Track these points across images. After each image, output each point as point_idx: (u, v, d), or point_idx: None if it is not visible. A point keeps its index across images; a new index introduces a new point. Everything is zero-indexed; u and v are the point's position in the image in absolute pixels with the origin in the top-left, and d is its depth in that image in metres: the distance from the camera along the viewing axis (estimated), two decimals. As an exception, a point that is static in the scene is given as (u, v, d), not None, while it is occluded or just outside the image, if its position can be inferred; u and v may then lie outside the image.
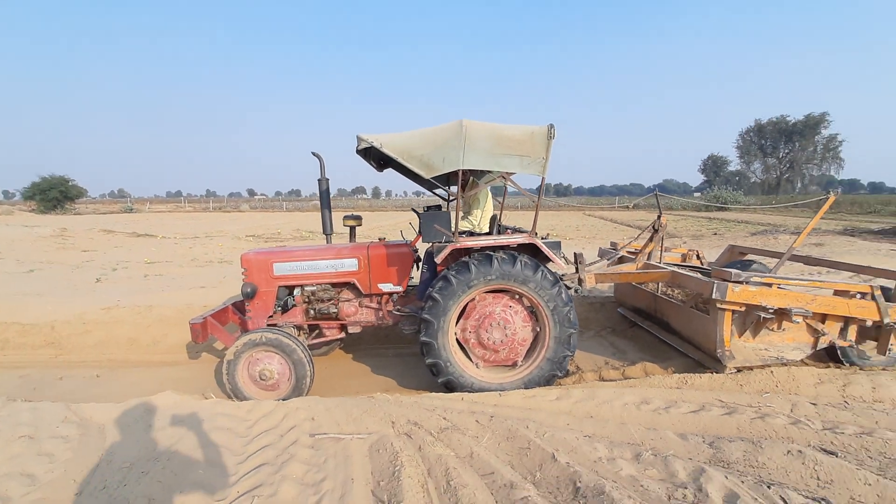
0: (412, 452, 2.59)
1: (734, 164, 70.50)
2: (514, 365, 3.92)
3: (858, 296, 3.74)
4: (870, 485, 2.22)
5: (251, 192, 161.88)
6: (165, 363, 5.09)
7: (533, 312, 3.87)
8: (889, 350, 3.77)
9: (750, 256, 5.49)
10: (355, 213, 4.87)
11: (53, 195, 35.47)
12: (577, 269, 4.49)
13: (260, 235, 16.65)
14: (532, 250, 3.87)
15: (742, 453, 2.52)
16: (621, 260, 5.31)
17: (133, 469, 2.46)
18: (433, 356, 3.74)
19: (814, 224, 4.58)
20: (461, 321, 3.88)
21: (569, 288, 4.14)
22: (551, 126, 3.62)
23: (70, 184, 37.06)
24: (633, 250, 5.31)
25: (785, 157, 63.25)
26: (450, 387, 3.77)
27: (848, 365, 3.95)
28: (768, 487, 2.20)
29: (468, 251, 3.85)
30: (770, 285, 3.72)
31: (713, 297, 3.62)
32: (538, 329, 3.87)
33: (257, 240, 15.16)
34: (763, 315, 3.65)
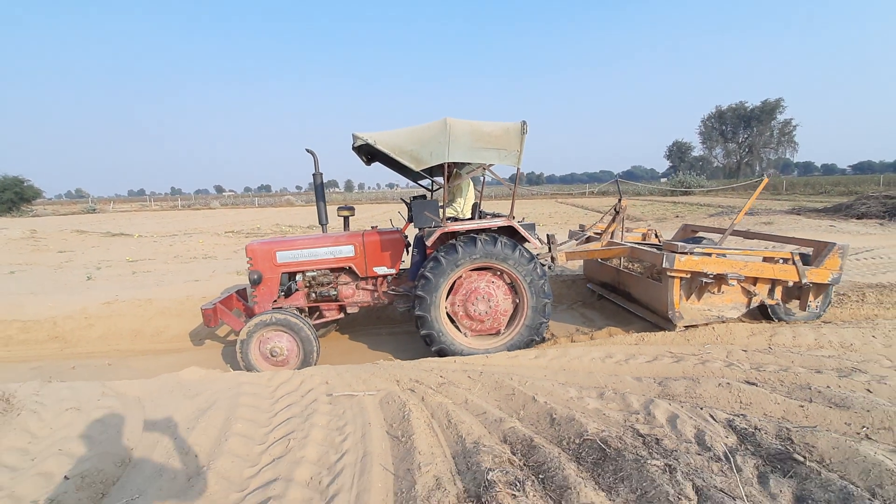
0: (417, 402, 3.09)
1: (697, 150, 73.19)
2: (498, 333, 4.47)
3: (781, 261, 4.40)
4: (778, 404, 2.85)
5: (219, 189, 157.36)
6: (171, 351, 5.42)
7: (513, 286, 4.42)
8: (808, 306, 4.52)
9: (701, 234, 6.18)
10: (349, 205, 5.36)
11: (8, 197, 33.82)
12: (549, 248, 5.16)
13: (239, 231, 16.71)
14: (510, 232, 4.39)
15: (684, 388, 3.13)
16: (588, 240, 5.95)
17: (179, 427, 2.88)
18: (427, 328, 4.26)
19: (750, 204, 5.35)
20: (450, 297, 4.39)
21: (543, 265, 4.69)
22: (524, 122, 4.13)
23: (25, 184, 35.39)
24: (598, 231, 5.95)
25: (744, 141, 66.04)
26: (442, 354, 4.29)
27: (777, 320, 4.65)
28: (701, 409, 2.80)
29: (455, 234, 4.37)
30: (710, 255, 4.36)
31: (663, 266, 4.26)
32: (517, 301, 4.42)
33: (237, 236, 15.25)
34: (705, 280, 4.32)
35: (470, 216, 5.01)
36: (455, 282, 4.37)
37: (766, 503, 2.04)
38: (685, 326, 4.39)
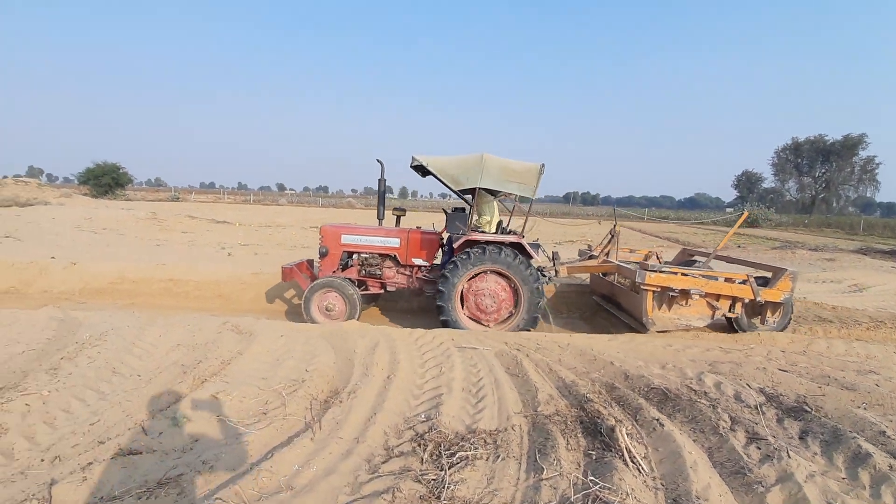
0: (523, 357, 4.26)
1: (769, 182, 69.92)
2: (504, 321, 5.71)
3: (738, 282, 5.22)
4: (802, 384, 3.78)
5: (281, 187, 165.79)
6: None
7: (515, 288, 5.61)
8: (766, 320, 5.40)
9: (696, 257, 7.05)
10: (402, 207, 7.02)
11: (106, 181, 37.18)
12: (553, 263, 6.50)
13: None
14: (521, 247, 5.60)
15: (729, 368, 4.11)
16: (591, 258, 7.07)
17: (362, 353, 4.20)
18: (445, 314, 5.64)
19: (730, 235, 6.91)
20: (464, 298, 5.70)
21: (545, 276, 5.99)
22: (542, 165, 5.42)
23: (120, 171, 38.67)
24: (600, 251, 7.12)
25: (821, 176, 62.57)
26: (449, 325, 5.60)
27: (740, 331, 5.47)
28: (740, 380, 3.79)
29: (476, 242, 5.60)
30: (676, 274, 5.23)
31: (636, 280, 5.24)
32: (517, 298, 5.63)
33: (321, 231, 17.10)
34: (671, 294, 5.19)
35: (494, 231, 6.15)
36: (464, 288, 5.65)
37: (781, 432, 3.04)
38: (658, 331, 5.36)
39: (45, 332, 4.44)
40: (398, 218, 6.81)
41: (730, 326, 5.60)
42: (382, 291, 6.49)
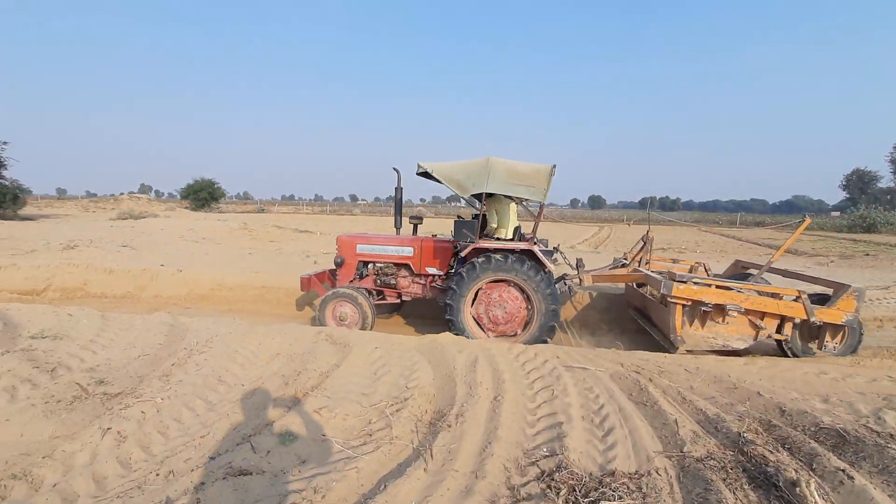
0: (645, 381, 3.72)
1: (886, 181, 61.30)
2: (516, 334, 5.39)
3: (791, 299, 4.53)
4: None
5: (353, 198, 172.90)
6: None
7: (529, 297, 5.26)
8: (825, 345, 4.65)
9: (751, 270, 6.10)
10: (419, 215, 6.85)
11: (203, 195, 40.79)
12: (578, 271, 6.05)
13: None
14: (530, 254, 5.23)
15: (916, 407, 3.29)
16: (623, 266, 6.56)
17: (462, 370, 3.89)
18: (455, 328, 5.35)
19: (787, 245, 5.91)
20: (474, 304, 5.44)
21: (566, 284, 5.89)
22: (553, 166, 5.04)
23: (215, 186, 42.32)
24: (632, 259, 6.65)
25: (955, 173, 53.80)
26: (454, 326, 5.34)
27: (791, 355, 4.71)
28: (942, 424, 2.99)
29: (484, 250, 5.30)
30: (710, 286, 4.64)
31: (661, 291, 4.67)
32: (530, 307, 5.30)
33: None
34: (704, 308, 4.58)
35: (511, 238, 5.77)
36: (478, 292, 5.39)
37: None
38: (687, 350, 4.72)
39: (157, 337, 4.62)
40: (415, 226, 6.64)
41: (781, 350, 4.85)
42: (399, 301, 6.33)
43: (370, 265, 6.42)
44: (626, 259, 6.85)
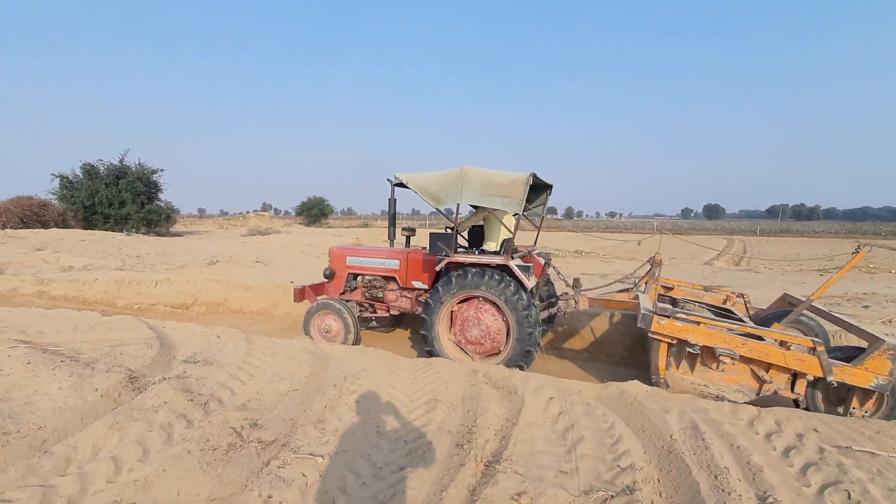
0: None
1: None
2: (498, 353, 4.91)
3: (798, 348, 3.64)
4: None
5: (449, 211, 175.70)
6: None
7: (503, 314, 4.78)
8: (851, 412, 3.59)
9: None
10: (411, 227, 6.45)
11: (315, 212, 44.49)
12: (574, 292, 5.54)
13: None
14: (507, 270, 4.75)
15: None
16: (627, 290, 5.91)
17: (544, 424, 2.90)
18: (429, 344, 5.03)
19: (836, 279, 4.54)
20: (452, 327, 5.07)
21: (558, 307, 5.55)
22: (531, 174, 4.59)
23: (325, 203, 46.29)
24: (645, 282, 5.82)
25: None
26: (433, 355, 4.96)
27: None
28: None
29: (460, 264, 4.95)
30: (698, 323, 3.87)
31: (639, 325, 4.04)
32: (507, 324, 4.80)
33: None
34: (689, 350, 3.87)
35: (497, 251, 5.36)
36: (453, 311, 5.02)
37: None
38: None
39: (302, 368, 4.25)
40: (407, 238, 6.41)
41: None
42: (388, 315, 6.02)
43: (359, 278, 6.25)
44: (625, 281, 6.25)
